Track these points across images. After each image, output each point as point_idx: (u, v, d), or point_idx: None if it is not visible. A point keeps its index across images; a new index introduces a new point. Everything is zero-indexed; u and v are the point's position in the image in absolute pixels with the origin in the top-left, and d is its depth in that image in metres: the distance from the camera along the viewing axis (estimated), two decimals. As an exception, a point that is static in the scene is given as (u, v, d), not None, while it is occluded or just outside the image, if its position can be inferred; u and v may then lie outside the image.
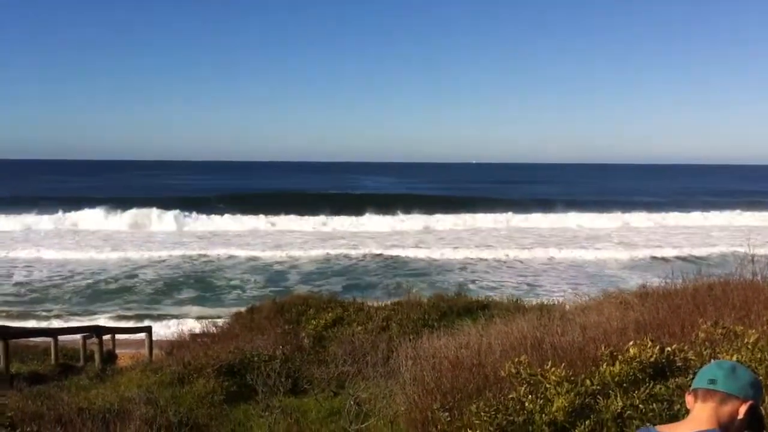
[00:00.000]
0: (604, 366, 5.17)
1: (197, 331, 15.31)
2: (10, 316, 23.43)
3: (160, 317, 23.54)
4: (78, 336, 14.35)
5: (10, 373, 11.29)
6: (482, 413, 4.93)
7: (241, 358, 9.62)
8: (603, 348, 5.50)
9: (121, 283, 29.76)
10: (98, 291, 28.14)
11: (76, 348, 14.79)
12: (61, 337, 14.06)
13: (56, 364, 12.97)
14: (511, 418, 4.87)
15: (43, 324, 21.72)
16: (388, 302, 15.17)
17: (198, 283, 30.07)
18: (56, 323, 21.64)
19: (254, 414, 7.91)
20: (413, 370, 7.00)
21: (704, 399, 2.56)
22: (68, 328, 16.37)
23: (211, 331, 14.41)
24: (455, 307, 14.00)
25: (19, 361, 13.25)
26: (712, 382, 2.54)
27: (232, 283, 30.48)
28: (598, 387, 5.03)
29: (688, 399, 2.65)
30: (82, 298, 26.91)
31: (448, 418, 5.36)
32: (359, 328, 11.80)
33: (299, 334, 12.26)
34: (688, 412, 2.65)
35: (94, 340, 13.84)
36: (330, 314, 13.05)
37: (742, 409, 2.52)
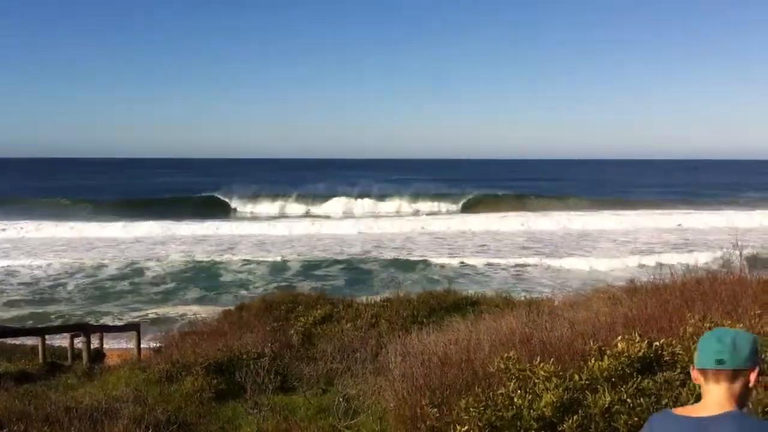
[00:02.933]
0: (593, 361, 5.18)
1: (186, 329, 15.27)
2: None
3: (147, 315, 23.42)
4: (66, 335, 14.27)
5: (-3, 372, 11.23)
6: (471, 409, 4.93)
7: (229, 355, 9.59)
8: (591, 343, 5.52)
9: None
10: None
11: (64, 347, 14.72)
12: (48, 336, 13.98)
13: (44, 363, 12.88)
14: (500, 413, 4.87)
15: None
16: (378, 299, 15.16)
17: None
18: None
19: (243, 411, 7.89)
20: (402, 367, 7.00)
21: (716, 380, 2.59)
22: (56, 326, 16.32)
23: (200, 329, 14.36)
24: (444, 303, 14.01)
25: (6, 360, 13.16)
26: (720, 362, 2.56)
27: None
28: (587, 382, 5.04)
29: (696, 376, 2.67)
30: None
31: (437, 414, 5.35)
32: (348, 324, 11.78)
33: (288, 331, 12.24)
34: (694, 387, 2.67)
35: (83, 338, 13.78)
36: (319, 311, 13.02)
37: (753, 377, 2.59)
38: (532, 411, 4.80)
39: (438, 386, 5.96)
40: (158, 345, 14.37)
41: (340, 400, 7.24)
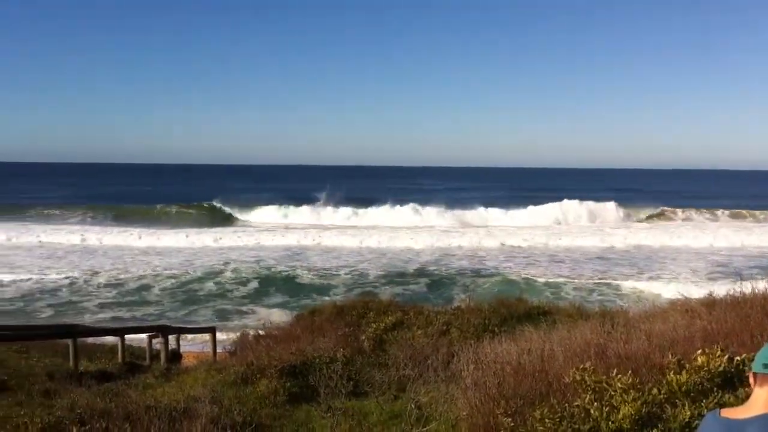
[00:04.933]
0: (671, 374, 5.09)
1: (260, 332, 15.52)
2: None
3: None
4: (144, 335, 14.70)
5: (79, 370, 11.62)
6: (546, 420, 4.90)
7: (302, 359, 9.71)
8: (670, 356, 5.42)
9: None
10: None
11: (142, 347, 15.16)
12: (127, 336, 14.42)
13: (123, 362, 13.29)
14: (576, 425, 4.83)
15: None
16: (448, 307, 15.13)
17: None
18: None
19: (316, 415, 7.98)
20: (475, 375, 6.99)
21: (762, 383, 2.64)
22: (135, 327, 16.80)
23: (274, 332, 14.57)
24: (516, 312, 13.89)
25: (87, 359, 13.62)
26: (767, 366, 2.63)
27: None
28: (665, 396, 4.96)
29: (750, 380, 2.73)
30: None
31: (512, 424, 5.34)
32: (419, 332, 11.80)
33: (359, 336, 12.32)
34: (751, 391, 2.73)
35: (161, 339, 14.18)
36: (390, 318, 13.07)
37: None
38: (609, 423, 4.75)
39: (511, 396, 5.94)
40: (233, 347, 14.65)
41: (412, 406, 7.25)
